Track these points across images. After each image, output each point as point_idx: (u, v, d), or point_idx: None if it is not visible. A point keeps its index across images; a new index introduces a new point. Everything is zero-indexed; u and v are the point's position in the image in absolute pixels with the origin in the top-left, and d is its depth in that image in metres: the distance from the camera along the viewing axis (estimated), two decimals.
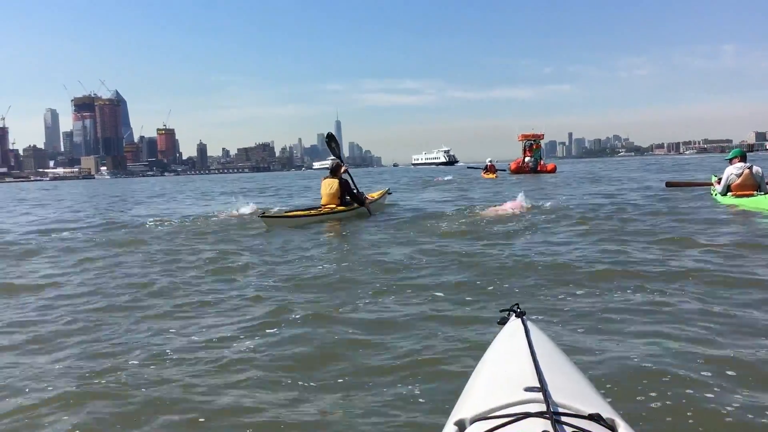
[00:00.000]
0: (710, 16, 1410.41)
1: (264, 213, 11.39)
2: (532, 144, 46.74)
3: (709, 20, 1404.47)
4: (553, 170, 44.55)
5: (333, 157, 14.31)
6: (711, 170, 21.46)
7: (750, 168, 11.95)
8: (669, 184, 16.04)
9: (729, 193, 12.19)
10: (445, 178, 37.34)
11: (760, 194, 11.52)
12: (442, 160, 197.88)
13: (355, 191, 12.89)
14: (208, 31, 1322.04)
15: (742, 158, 12.28)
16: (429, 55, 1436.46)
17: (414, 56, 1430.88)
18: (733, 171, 12.13)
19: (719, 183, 12.73)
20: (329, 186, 12.42)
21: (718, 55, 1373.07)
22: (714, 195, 13.15)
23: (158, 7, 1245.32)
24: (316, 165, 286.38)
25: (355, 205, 12.69)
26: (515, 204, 12.59)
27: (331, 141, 14.59)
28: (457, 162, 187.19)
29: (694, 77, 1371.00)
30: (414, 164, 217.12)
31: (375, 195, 14.74)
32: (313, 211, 12.09)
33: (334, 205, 12.26)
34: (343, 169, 12.89)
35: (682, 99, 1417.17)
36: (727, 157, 12.79)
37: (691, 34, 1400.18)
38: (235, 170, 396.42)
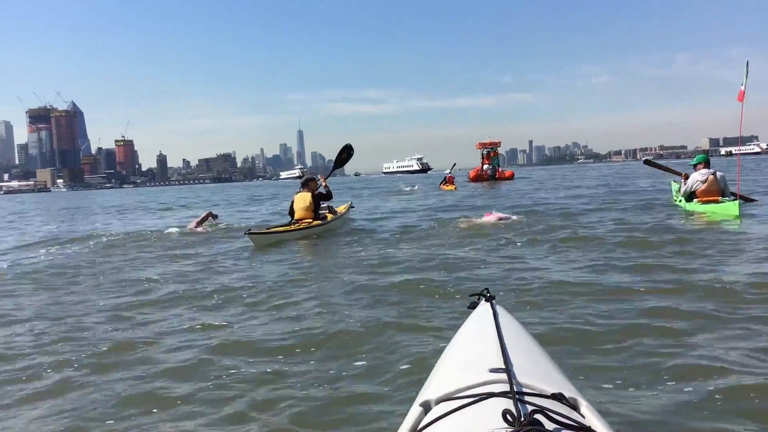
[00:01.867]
0: (663, 25, 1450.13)
1: (249, 230, 11.11)
2: (490, 152, 47.54)
3: (663, 29, 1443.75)
4: (511, 177, 45.67)
5: (300, 166, 14.07)
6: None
7: (714, 174, 12.07)
8: (647, 162, 15.74)
9: (695, 200, 12.27)
10: (408, 188, 36.96)
11: (725, 199, 11.75)
12: (416, 167, 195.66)
13: (326, 205, 12.90)
14: (167, 39, 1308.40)
15: (706, 164, 12.39)
16: (390, 64, 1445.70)
17: (375, 65, 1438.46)
18: (698, 177, 12.23)
19: (686, 179, 12.78)
20: (303, 200, 12.11)
21: (672, 63, 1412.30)
22: (678, 201, 13.29)
23: (115, 16, 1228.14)
24: (284, 175, 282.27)
25: (330, 217, 12.70)
26: (492, 216, 12.47)
27: (344, 152, 14.80)
28: (430, 169, 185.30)
29: (649, 85, 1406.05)
30: (385, 173, 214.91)
31: (341, 209, 14.69)
32: (292, 227, 11.75)
33: (309, 220, 11.99)
34: (323, 183, 12.80)
35: (638, 106, 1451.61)
36: (691, 163, 12.89)
37: (646, 42, 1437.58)
38: (196, 181, 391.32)
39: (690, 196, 12.50)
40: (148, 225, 17.82)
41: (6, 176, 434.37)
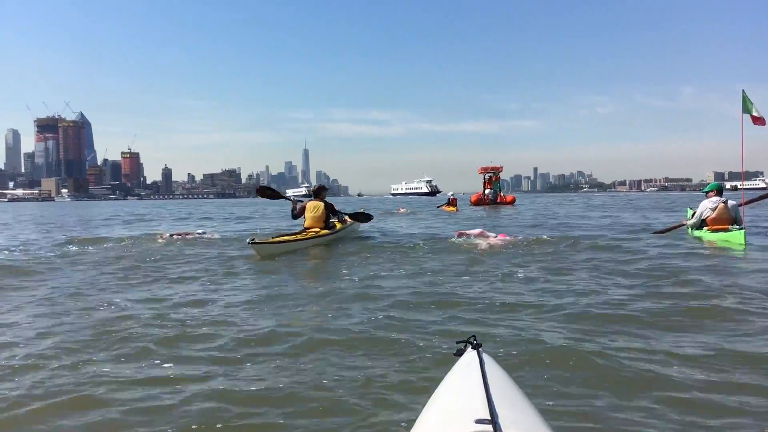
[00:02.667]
0: (668, 57, 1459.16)
1: (253, 239, 10.38)
2: (491, 176, 48.00)
3: (668, 62, 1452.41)
4: (512, 202, 46.05)
5: (306, 185, 14.10)
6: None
7: (725, 202, 11.96)
8: (657, 234, 13.90)
9: (705, 228, 12.09)
10: (405, 210, 36.71)
11: (735, 228, 11.56)
12: (425, 190, 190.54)
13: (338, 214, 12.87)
14: (177, 55, 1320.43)
15: (718, 192, 12.30)
16: (395, 86, 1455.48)
17: (381, 87, 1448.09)
18: (708, 205, 12.12)
19: (693, 217, 12.62)
20: (314, 209, 12.02)
21: (677, 96, 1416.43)
22: (688, 231, 12.93)
23: (126, 30, 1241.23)
24: (289, 192, 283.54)
25: (338, 227, 12.60)
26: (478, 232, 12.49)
27: (363, 215, 14.34)
28: (439, 192, 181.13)
29: (655, 116, 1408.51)
30: (393, 194, 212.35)
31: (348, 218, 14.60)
32: (299, 236, 11.43)
33: (318, 228, 11.83)
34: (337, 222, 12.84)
35: (643, 137, 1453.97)
36: (704, 190, 12.80)
37: (652, 74, 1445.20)
38: (201, 196, 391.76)
39: (699, 224, 12.29)
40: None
41: (11, 184, 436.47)
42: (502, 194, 48.16)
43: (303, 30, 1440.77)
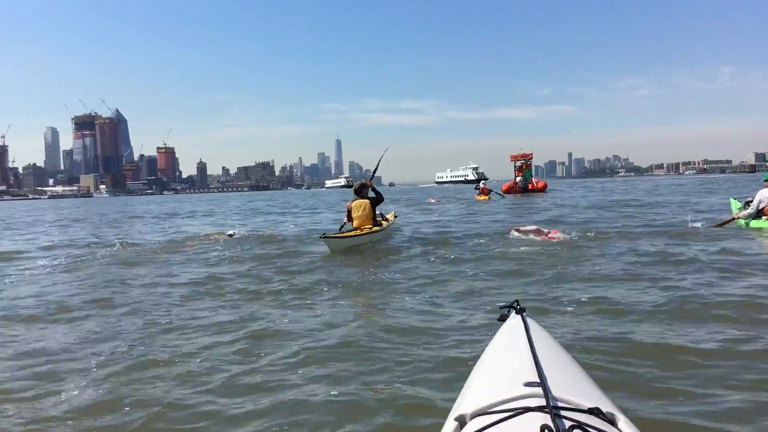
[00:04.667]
0: (707, 38, 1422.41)
1: (324, 234, 11.06)
2: (522, 164, 47.96)
3: (707, 42, 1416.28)
4: (544, 188, 46.01)
5: (345, 176, 13.94)
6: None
7: None
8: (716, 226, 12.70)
9: (763, 217, 11.41)
10: (435, 199, 37.22)
11: None
12: (471, 177, 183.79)
13: (379, 212, 13.06)
14: (209, 50, 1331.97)
15: None
16: (427, 75, 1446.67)
17: (412, 76, 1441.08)
18: (766, 194, 11.43)
19: (746, 209, 11.98)
20: (361, 207, 12.03)
21: (716, 77, 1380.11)
22: (740, 223, 12.04)
23: (159, 27, 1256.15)
24: (329, 183, 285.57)
25: (385, 223, 12.75)
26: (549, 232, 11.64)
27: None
28: (487, 179, 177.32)
29: (693, 98, 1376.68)
30: (438, 182, 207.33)
31: (390, 216, 14.81)
32: (358, 232, 11.71)
33: (369, 226, 11.96)
34: (370, 185, 12.75)
35: (680, 120, 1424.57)
36: (764, 179, 11.96)
37: (689, 55, 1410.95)
38: (235, 189, 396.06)
39: (757, 214, 11.53)
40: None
41: (51, 181, 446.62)
42: (534, 180, 47.86)
43: (333, 24, 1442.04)
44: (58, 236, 18.74)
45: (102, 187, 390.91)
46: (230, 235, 14.50)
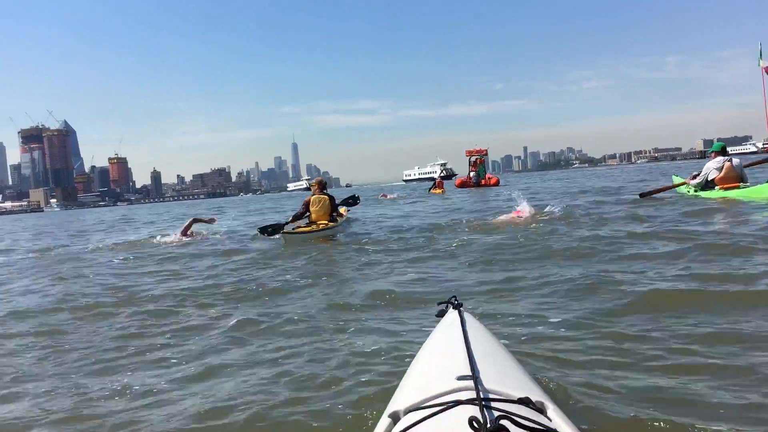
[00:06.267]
0: (651, 28, 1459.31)
1: (283, 230, 11.77)
2: (476, 160, 48.90)
3: (651, 32, 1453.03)
4: (497, 183, 46.61)
5: (307, 178, 13.97)
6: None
7: (730, 161, 11.80)
8: (643, 195, 14.10)
9: (716, 187, 11.74)
10: (391, 196, 37.08)
11: (746, 185, 11.36)
12: (440, 174, 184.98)
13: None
14: (158, 56, 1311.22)
15: (722, 152, 12.05)
16: (380, 74, 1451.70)
17: (366, 77, 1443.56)
18: (712, 165, 11.90)
19: (693, 179, 12.41)
20: (320, 202, 12.34)
21: (663, 66, 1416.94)
22: (690, 192, 12.58)
23: (105, 34, 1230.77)
24: (291, 186, 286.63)
25: (339, 219, 13.11)
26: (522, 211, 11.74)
27: (351, 198, 16.34)
28: (455, 175, 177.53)
29: (641, 88, 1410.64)
30: (406, 180, 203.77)
31: (342, 211, 15.18)
32: (313, 227, 12.05)
33: (325, 221, 12.24)
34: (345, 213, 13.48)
35: (630, 109, 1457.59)
36: (710, 151, 12.68)
37: (635, 46, 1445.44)
38: (191, 197, 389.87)
39: (706, 186, 11.95)
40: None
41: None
42: (488, 175, 48.81)
43: (285, 26, 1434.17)
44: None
45: (53, 201, 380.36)
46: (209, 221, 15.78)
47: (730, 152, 12.41)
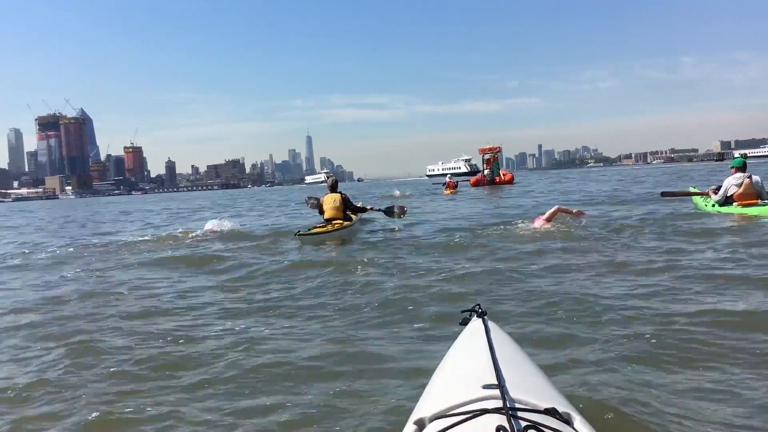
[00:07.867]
0: (665, 29, 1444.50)
1: (299, 231, 11.81)
2: (490, 158, 48.98)
3: (665, 33, 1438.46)
4: (511, 180, 46.48)
5: (326, 170, 13.76)
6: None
7: (749, 177, 11.85)
8: (665, 194, 15.34)
9: (734, 203, 11.91)
10: (400, 193, 37.18)
11: (765, 202, 11.50)
12: (464, 170, 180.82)
13: (357, 205, 13.61)
14: (175, 49, 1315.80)
15: (742, 168, 12.12)
16: (393, 70, 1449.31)
17: (380, 71, 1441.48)
18: (732, 181, 12.00)
19: (715, 192, 12.58)
20: (333, 201, 12.53)
21: (678, 67, 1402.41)
22: (707, 206, 12.75)
23: (123, 25, 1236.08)
24: (309, 179, 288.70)
25: (354, 217, 13.12)
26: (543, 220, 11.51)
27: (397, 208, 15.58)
28: (479, 171, 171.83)
29: (656, 88, 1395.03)
30: (429, 175, 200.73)
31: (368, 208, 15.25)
32: (328, 227, 12.15)
33: (340, 220, 12.38)
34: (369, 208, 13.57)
35: (645, 109, 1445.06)
36: (731, 166, 12.56)
37: (649, 46, 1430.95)
38: (205, 187, 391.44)
39: (724, 201, 12.12)
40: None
41: (15, 184, 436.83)
42: (503, 171, 48.55)
43: (300, 19, 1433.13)
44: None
45: (68, 188, 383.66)
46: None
47: (748, 155, 12.53)
